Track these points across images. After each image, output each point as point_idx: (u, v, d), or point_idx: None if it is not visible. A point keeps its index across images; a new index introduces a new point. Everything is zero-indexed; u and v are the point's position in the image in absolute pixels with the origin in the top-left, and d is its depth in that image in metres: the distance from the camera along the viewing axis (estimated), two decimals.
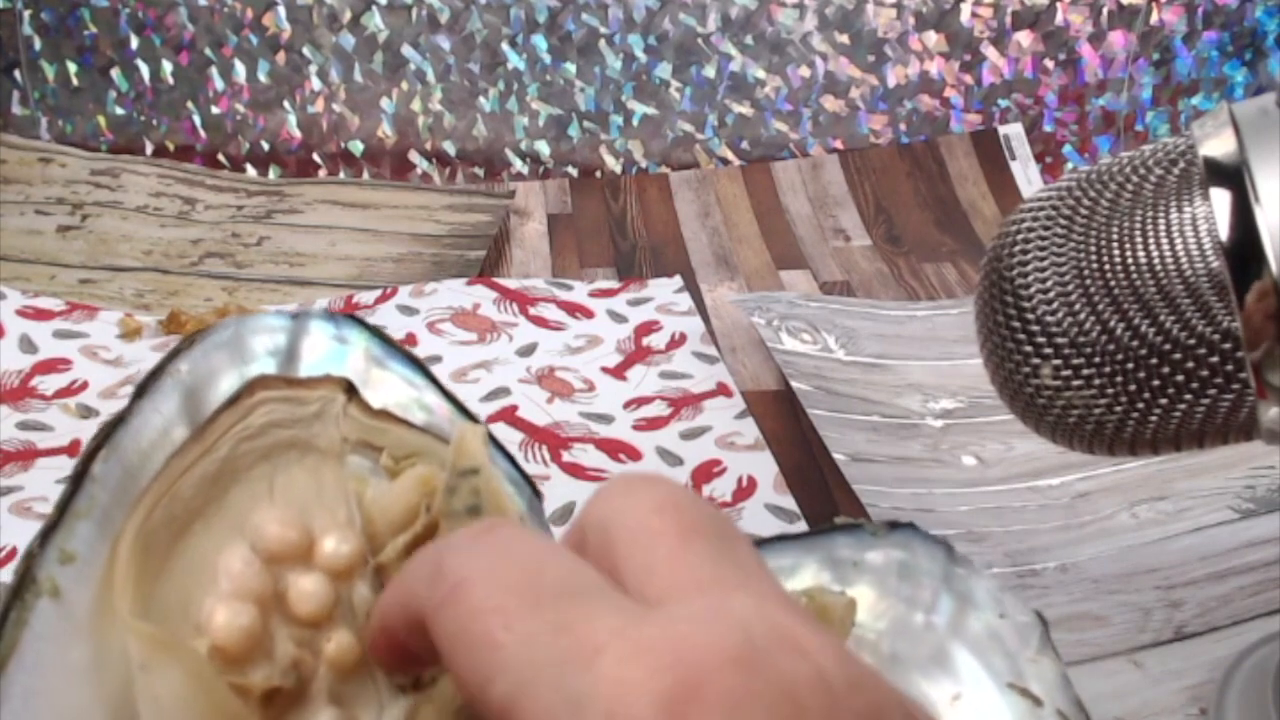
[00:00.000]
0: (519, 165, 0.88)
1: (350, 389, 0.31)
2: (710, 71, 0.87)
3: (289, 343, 0.32)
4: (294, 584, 0.28)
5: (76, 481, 0.27)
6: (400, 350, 0.32)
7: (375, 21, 0.87)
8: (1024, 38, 0.85)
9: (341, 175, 0.88)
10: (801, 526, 0.50)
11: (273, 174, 0.88)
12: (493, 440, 0.31)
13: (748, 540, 0.23)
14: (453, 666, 0.21)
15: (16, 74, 0.89)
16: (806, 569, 0.33)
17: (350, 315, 0.33)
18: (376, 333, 0.33)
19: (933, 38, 0.86)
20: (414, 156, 0.89)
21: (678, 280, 0.72)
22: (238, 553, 0.28)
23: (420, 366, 0.32)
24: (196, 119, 0.89)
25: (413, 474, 0.29)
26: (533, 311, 0.67)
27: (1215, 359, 0.35)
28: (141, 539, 0.27)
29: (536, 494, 0.32)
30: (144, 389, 0.30)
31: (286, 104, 0.89)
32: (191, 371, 0.30)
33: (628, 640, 0.20)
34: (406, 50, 0.87)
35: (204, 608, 0.27)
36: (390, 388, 0.32)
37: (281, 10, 0.87)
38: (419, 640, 0.23)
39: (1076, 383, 0.37)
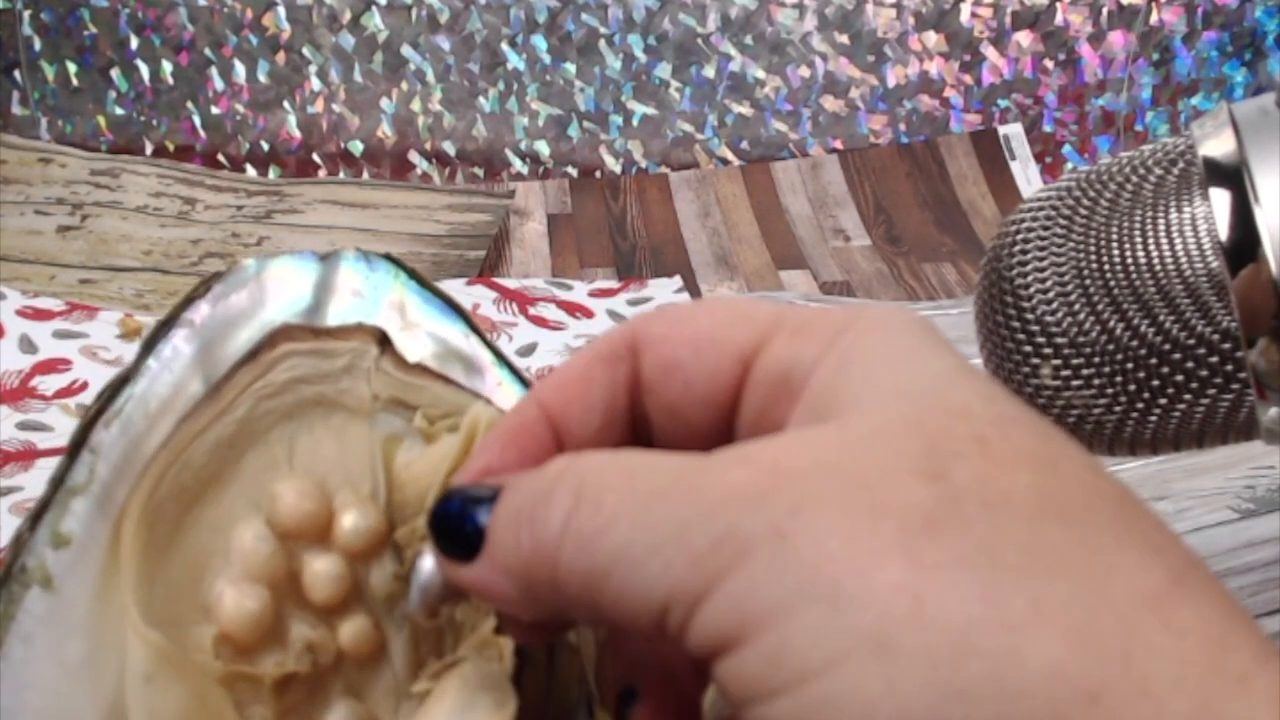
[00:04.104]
0: (519, 165, 0.88)
1: (383, 340, 0.27)
2: (710, 71, 0.87)
3: (316, 287, 0.28)
4: (309, 565, 0.25)
5: (73, 453, 0.24)
6: (440, 295, 0.29)
7: (375, 21, 0.87)
8: (1024, 38, 0.85)
9: (341, 175, 0.88)
10: None
11: (273, 174, 0.88)
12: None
13: None
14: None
15: (16, 74, 0.89)
16: None
17: (386, 255, 0.29)
18: (414, 275, 0.29)
19: (932, 38, 0.86)
20: (414, 156, 0.89)
21: (677, 280, 0.72)
22: (250, 528, 0.25)
23: (462, 315, 0.29)
24: (196, 119, 0.89)
25: (448, 442, 0.26)
26: (532, 311, 0.67)
27: (1215, 359, 0.35)
28: (148, 514, 0.24)
29: None
30: (152, 343, 0.26)
31: (286, 104, 0.89)
32: (207, 321, 0.27)
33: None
34: (406, 50, 0.87)
35: (214, 590, 0.25)
36: (427, 339, 0.28)
37: (281, 10, 0.87)
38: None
39: (1076, 383, 0.37)
